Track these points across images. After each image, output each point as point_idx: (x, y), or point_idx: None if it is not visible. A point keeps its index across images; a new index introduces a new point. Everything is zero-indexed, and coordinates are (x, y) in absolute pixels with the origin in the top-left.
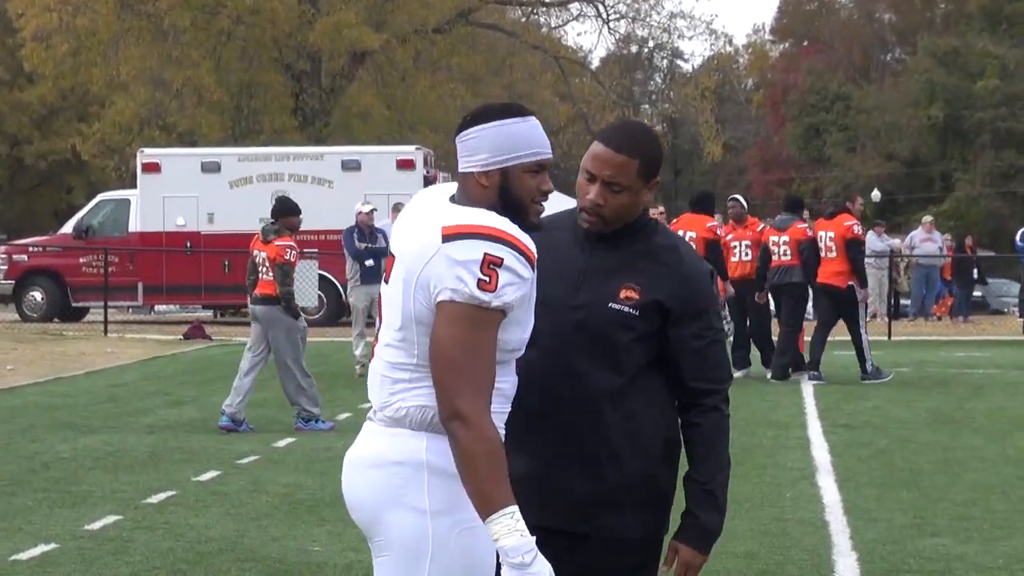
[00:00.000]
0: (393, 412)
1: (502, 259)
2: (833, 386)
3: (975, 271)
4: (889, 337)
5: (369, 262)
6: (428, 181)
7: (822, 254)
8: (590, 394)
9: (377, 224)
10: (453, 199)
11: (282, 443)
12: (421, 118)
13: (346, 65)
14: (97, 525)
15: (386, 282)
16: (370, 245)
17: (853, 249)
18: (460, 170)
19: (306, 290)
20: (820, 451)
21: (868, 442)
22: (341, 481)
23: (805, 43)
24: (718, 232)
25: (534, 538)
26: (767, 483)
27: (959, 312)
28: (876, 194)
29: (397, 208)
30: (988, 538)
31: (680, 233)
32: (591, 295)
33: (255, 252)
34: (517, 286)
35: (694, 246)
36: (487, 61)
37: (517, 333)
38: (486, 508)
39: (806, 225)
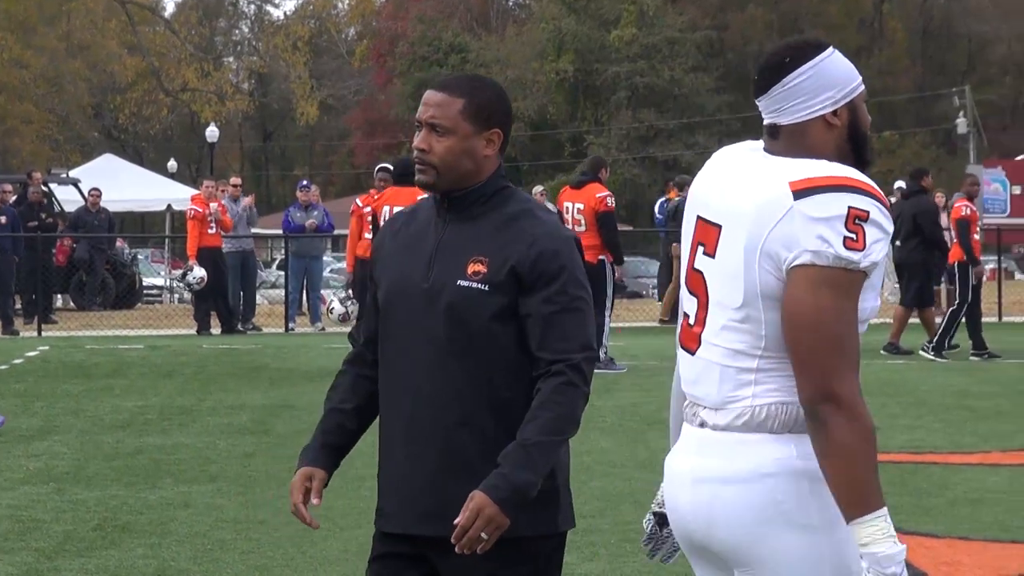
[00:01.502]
0: (746, 413)
1: (868, 212)
2: None
3: None
4: None
5: None
6: None
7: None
8: (456, 386)
9: None
10: (768, 153)
11: None
12: None
13: None
14: None
15: (710, 256)
16: None
17: (607, 223)
18: (793, 119)
19: None
20: None
21: None
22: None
23: None
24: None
25: (905, 546)
26: (365, 497)
27: None
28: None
29: None
30: (616, 553)
31: (385, 210)
32: (441, 274)
33: None
34: (883, 243)
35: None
36: (41, 6)
37: (871, 300)
38: (858, 508)
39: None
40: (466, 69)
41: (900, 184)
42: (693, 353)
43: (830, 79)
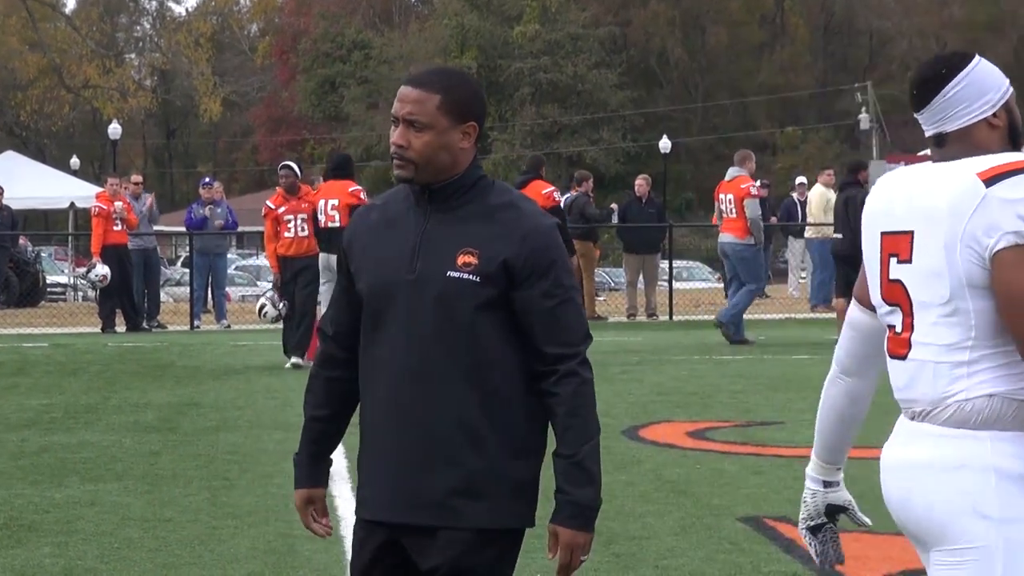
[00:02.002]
0: (955, 410)
1: None
2: None
3: None
4: None
5: None
6: None
7: None
8: (441, 375)
9: None
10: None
11: None
12: None
13: None
14: None
15: (906, 262)
16: None
17: (557, 216)
18: (959, 125)
19: None
20: (336, 454)
21: None
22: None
23: None
24: (362, 196)
25: None
26: (273, 494)
27: None
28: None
29: None
30: (526, 549)
31: (321, 204)
32: (428, 265)
33: None
34: None
35: (337, 215)
36: None
37: None
38: None
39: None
40: (369, 66)
41: (801, 180)
42: (904, 358)
43: (985, 85)
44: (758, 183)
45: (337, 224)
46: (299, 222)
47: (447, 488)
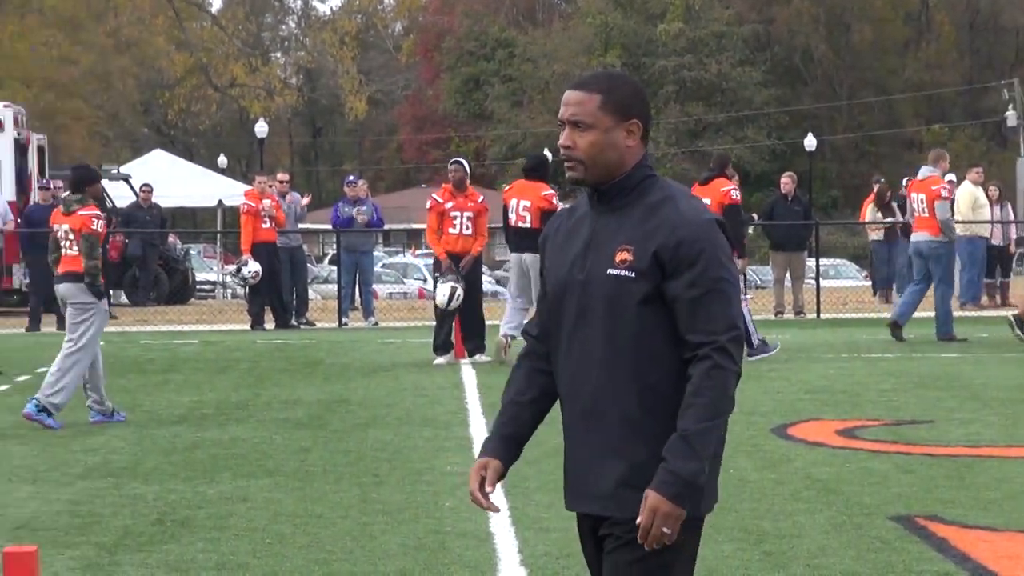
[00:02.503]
0: None
1: None
2: (501, 377)
3: None
4: None
5: None
6: (20, 145)
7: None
8: (609, 370)
9: None
10: None
11: None
12: (9, 70)
13: None
14: None
15: None
16: None
17: (732, 216)
18: None
19: None
20: None
21: (539, 441)
22: None
23: None
24: (554, 201)
25: None
26: (423, 491)
27: None
28: (547, 155)
29: None
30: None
31: (513, 203)
32: (594, 266)
33: (56, 227)
34: None
35: (528, 216)
36: (89, 3)
37: None
38: None
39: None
40: (513, 64)
41: (951, 177)
42: None
43: None
44: (948, 182)
45: (528, 225)
46: (464, 219)
47: (615, 479)
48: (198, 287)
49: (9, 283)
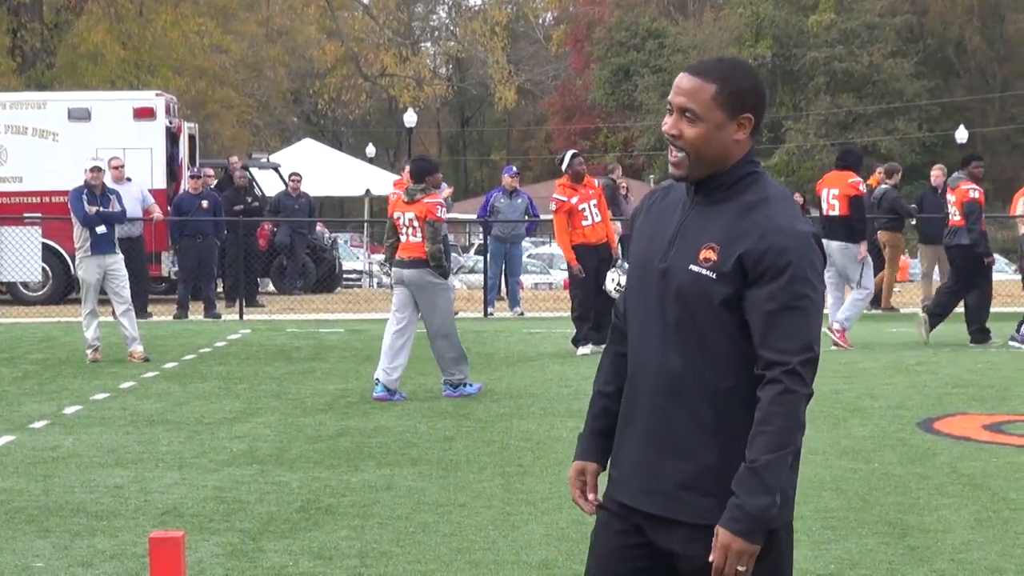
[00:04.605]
0: None
1: None
2: None
3: None
4: None
5: (101, 229)
6: (171, 133)
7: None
8: (677, 367)
9: (110, 184)
10: None
11: None
12: (162, 59)
13: None
14: None
15: None
16: (102, 209)
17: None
18: None
19: (27, 262)
20: None
21: None
22: (59, 486)
23: None
24: (861, 188)
25: None
26: (567, 481)
27: None
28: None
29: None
30: (818, 540)
31: (824, 192)
32: (677, 256)
33: (398, 214)
34: None
35: (837, 204)
36: None
37: None
38: None
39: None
40: (663, 55)
41: None
42: None
43: None
44: None
45: (836, 213)
46: (591, 208)
47: (677, 480)
48: (345, 276)
49: (158, 271)
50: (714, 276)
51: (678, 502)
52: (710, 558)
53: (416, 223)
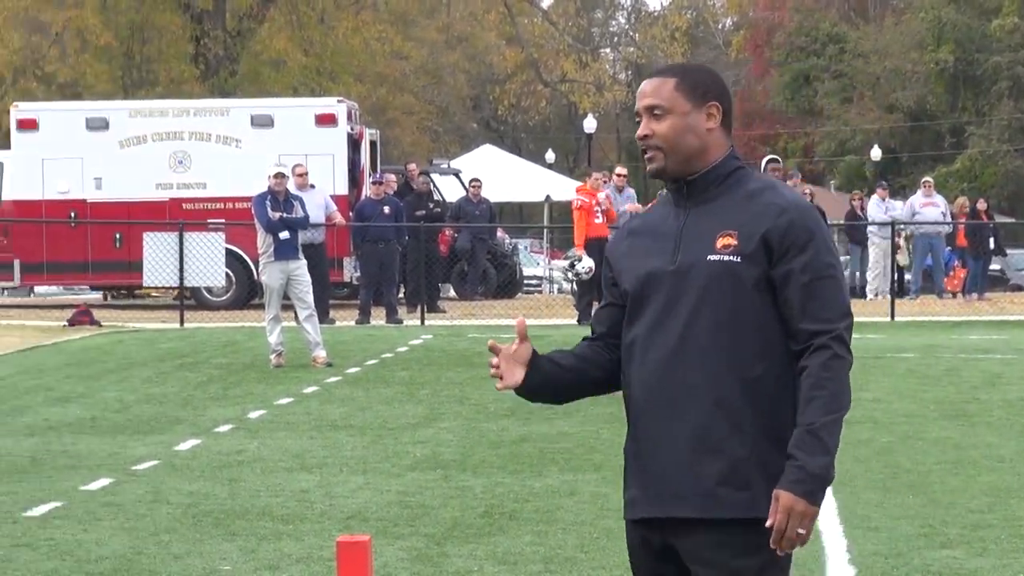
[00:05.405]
0: None
1: None
2: None
3: (991, 240)
4: (892, 318)
5: (284, 234)
6: (353, 139)
7: None
8: (709, 364)
9: (293, 190)
10: None
11: (185, 446)
12: (343, 66)
13: (255, 3)
14: None
15: None
16: (285, 215)
17: None
18: None
19: (211, 267)
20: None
21: (868, 440)
22: (245, 490)
23: None
24: None
25: None
26: None
27: (973, 288)
28: (876, 152)
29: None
30: (1007, 549)
31: None
32: (688, 255)
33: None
34: None
35: None
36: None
37: None
38: None
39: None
40: (844, 59)
41: None
42: None
43: None
44: None
45: None
46: None
47: (715, 477)
48: (525, 282)
49: (339, 276)
50: (738, 259)
51: (714, 499)
52: (768, 523)
53: None
